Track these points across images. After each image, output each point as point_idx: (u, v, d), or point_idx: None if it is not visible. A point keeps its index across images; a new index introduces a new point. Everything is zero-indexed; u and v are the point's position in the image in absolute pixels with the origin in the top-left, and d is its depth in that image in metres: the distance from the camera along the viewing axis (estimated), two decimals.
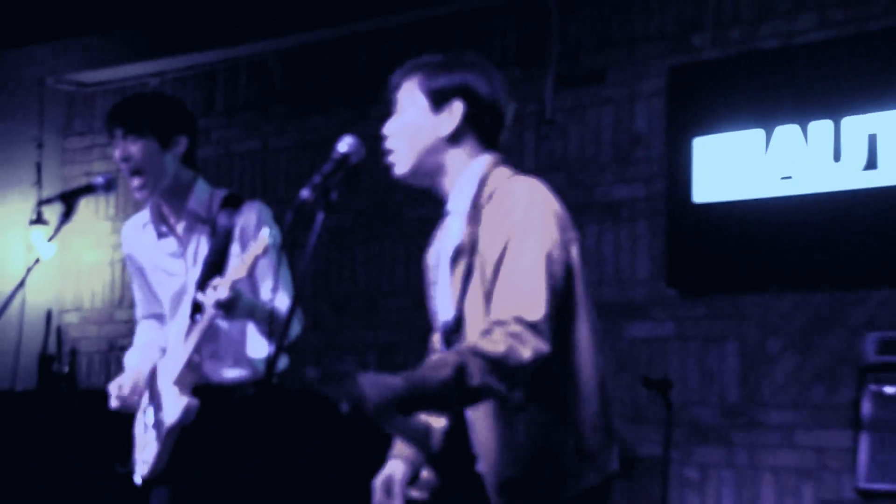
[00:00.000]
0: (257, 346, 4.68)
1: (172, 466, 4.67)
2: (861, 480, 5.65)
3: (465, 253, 3.41)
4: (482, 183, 3.44)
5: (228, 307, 4.42)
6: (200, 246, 4.71)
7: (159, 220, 4.74)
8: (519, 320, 3.10)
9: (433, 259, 3.69)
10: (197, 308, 4.61)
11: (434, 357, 3.30)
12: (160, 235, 4.75)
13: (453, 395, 3.07)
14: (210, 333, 4.61)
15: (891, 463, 5.58)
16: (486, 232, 3.37)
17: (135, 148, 4.56)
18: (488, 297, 3.33)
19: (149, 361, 4.82)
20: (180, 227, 4.76)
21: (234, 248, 4.69)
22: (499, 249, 3.29)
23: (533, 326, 3.10)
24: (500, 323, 3.13)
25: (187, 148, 4.76)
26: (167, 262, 4.76)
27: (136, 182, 4.57)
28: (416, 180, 3.53)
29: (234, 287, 4.39)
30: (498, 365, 3.05)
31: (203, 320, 4.55)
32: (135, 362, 4.84)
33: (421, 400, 3.09)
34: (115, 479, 4.83)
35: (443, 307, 3.54)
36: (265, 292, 4.64)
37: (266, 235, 4.38)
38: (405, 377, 3.06)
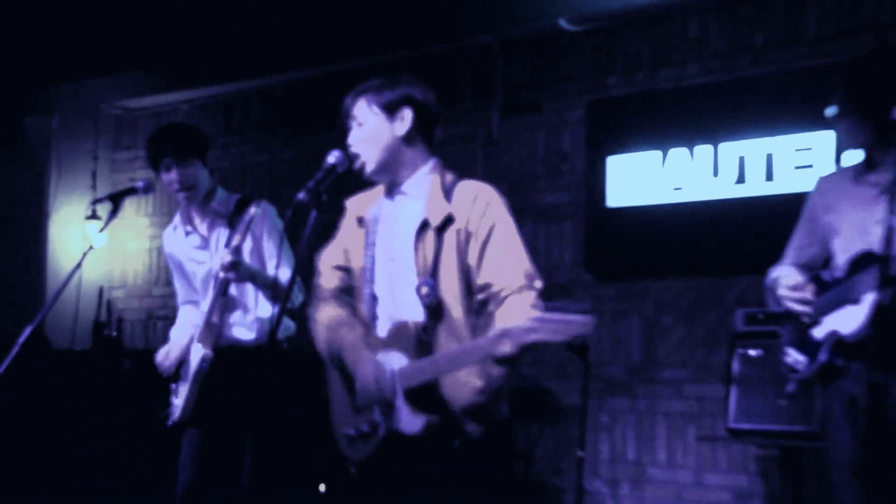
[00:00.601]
0: (264, 308, 4.81)
1: (200, 413, 4.83)
2: (731, 422, 5.74)
3: (434, 228, 3.53)
4: (443, 177, 3.62)
5: (232, 268, 4.56)
6: (220, 237, 4.92)
7: (186, 221, 4.99)
8: (532, 284, 3.45)
9: (371, 219, 3.73)
10: None
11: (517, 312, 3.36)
12: (187, 234, 5.00)
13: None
14: (231, 304, 4.84)
15: (752, 408, 5.66)
16: (464, 211, 3.53)
17: (191, 170, 4.83)
18: (462, 264, 3.52)
19: (186, 336, 4.92)
20: (204, 225, 4.98)
21: (247, 239, 4.81)
22: (487, 229, 3.50)
23: (541, 291, 3.48)
24: (525, 287, 3.43)
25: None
26: (195, 253, 5.00)
27: (188, 195, 4.84)
28: (380, 176, 3.66)
29: (234, 252, 4.56)
30: None
31: (217, 283, 4.73)
32: (176, 336, 4.99)
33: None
34: (153, 421, 5.04)
35: (399, 271, 3.62)
36: (271, 268, 4.77)
37: (253, 209, 4.67)
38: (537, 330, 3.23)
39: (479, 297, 3.50)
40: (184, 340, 4.91)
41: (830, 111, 3.90)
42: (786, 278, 3.94)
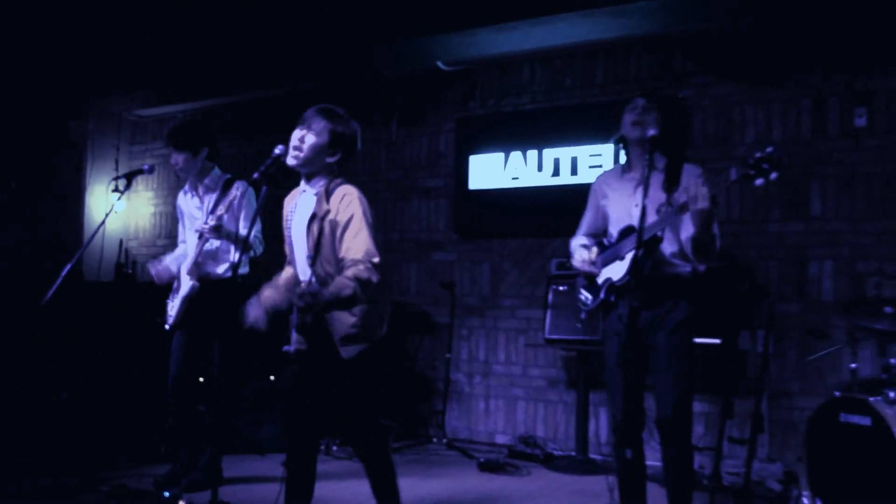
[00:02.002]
0: (235, 255, 4.81)
1: (186, 321, 4.84)
2: (546, 334, 5.86)
3: (318, 218, 3.49)
4: (330, 182, 3.55)
5: (214, 230, 4.55)
6: (211, 204, 4.84)
7: (192, 188, 4.92)
8: (369, 262, 3.35)
9: (290, 210, 3.66)
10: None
11: (338, 281, 3.32)
12: (191, 196, 4.93)
13: (351, 301, 3.30)
14: (213, 252, 4.80)
15: (560, 325, 5.79)
16: (335, 207, 3.46)
17: (183, 157, 4.78)
18: (333, 236, 3.46)
19: (175, 262, 4.93)
20: (201, 192, 4.89)
21: (229, 210, 4.72)
22: (346, 218, 3.43)
23: (376, 265, 3.36)
24: (360, 261, 3.34)
25: (208, 153, 4.89)
26: (194, 210, 4.95)
27: (181, 173, 4.82)
28: (297, 169, 3.54)
29: (218, 219, 4.52)
30: (365, 285, 3.30)
31: (202, 239, 4.67)
32: (168, 259, 4.97)
33: (336, 303, 3.30)
34: (156, 326, 5.04)
35: (300, 246, 3.59)
36: (243, 229, 4.72)
37: (235, 189, 4.65)
38: (328, 291, 3.25)
39: (340, 264, 3.47)
40: (172, 264, 4.92)
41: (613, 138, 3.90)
42: (578, 252, 3.90)
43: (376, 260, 3.41)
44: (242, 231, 4.73)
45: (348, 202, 3.50)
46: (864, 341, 5.22)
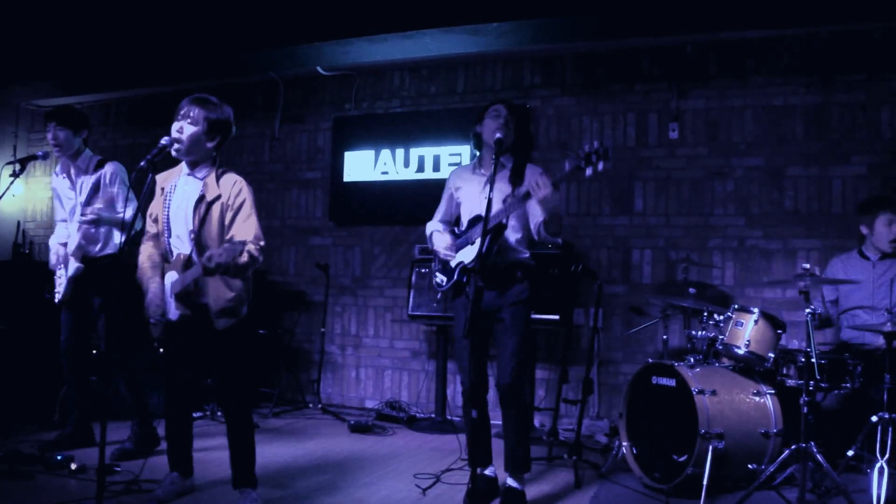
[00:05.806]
0: (116, 235, 4.62)
1: (74, 296, 4.66)
2: (409, 311, 5.85)
3: (207, 202, 3.47)
4: (216, 170, 3.53)
5: (94, 223, 4.44)
6: (84, 185, 4.63)
7: (64, 170, 4.68)
8: (257, 243, 3.36)
9: (169, 189, 3.59)
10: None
11: (227, 245, 3.24)
12: (64, 178, 4.70)
13: (245, 268, 3.31)
14: (94, 232, 4.58)
15: (421, 303, 5.79)
16: (227, 192, 3.45)
17: (61, 134, 4.54)
18: (222, 223, 3.44)
19: (60, 241, 4.71)
20: (73, 173, 4.64)
21: (101, 189, 4.57)
22: (238, 204, 3.44)
23: (262, 248, 3.38)
24: (250, 242, 3.33)
25: (86, 136, 4.67)
26: (67, 192, 4.71)
27: (57, 150, 4.55)
28: (183, 157, 3.50)
29: (95, 213, 4.40)
30: (254, 261, 3.32)
31: (82, 226, 4.52)
32: (53, 243, 4.74)
33: (233, 268, 3.27)
34: (50, 301, 4.81)
35: (180, 223, 3.52)
36: (119, 209, 4.54)
37: (106, 168, 4.51)
38: (226, 252, 3.18)
39: (225, 243, 3.42)
40: (59, 246, 4.73)
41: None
42: (439, 239, 3.90)
43: (262, 243, 3.43)
44: (119, 210, 4.56)
45: (239, 189, 3.49)
46: (674, 317, 5.54)
